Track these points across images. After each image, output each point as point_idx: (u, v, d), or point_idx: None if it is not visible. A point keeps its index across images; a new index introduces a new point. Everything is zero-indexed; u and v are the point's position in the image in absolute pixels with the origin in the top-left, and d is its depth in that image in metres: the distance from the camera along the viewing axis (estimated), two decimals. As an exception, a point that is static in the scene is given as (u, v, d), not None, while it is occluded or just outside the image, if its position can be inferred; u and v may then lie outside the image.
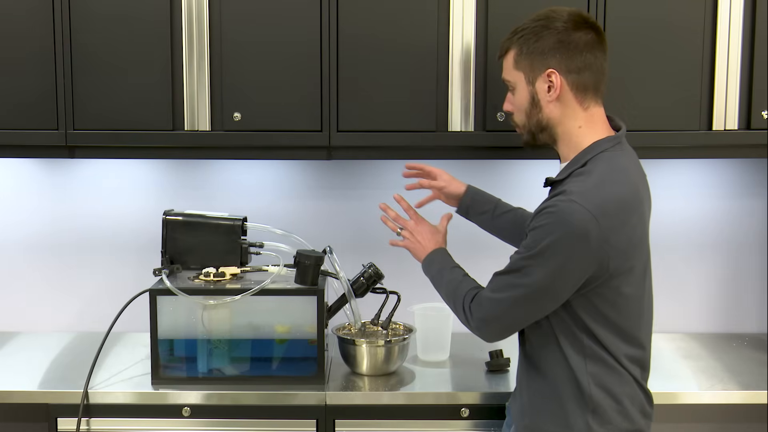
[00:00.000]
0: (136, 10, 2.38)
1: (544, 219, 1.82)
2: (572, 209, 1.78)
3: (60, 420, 2.28)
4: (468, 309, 1.97)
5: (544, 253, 1.80)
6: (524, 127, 1.99)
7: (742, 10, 2.38)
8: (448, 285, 2.06)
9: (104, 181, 2.80)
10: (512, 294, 1.87)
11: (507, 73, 1.99)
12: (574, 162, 1.90)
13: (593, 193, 1.81)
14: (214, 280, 2.35)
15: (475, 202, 2.33)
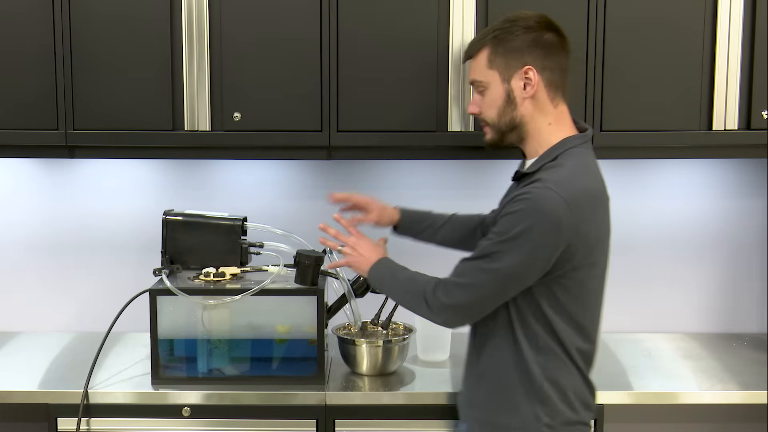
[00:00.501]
0: (136, 10, 2.38)
1: (518, 205, 1.85)
2: (547, 196, 1.83)
3: (60, 420, 2.28)
4: (431, 295, 1.96)
5: (517, 238, 1.84)
6: (494, 126, 2.01)
7: (742, 10, 2.38)
8: (402, 283, 2.06)
9: (104, 181, 2.80)
10: (482, 279, 1.90)
11: (478, 73, 2.01)
12: (545, 156, 1.95)
13: (567, 182, 1.86)
14: (214, 280, 2.35)
15: (412, 223, 2.38)
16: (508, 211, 1.87)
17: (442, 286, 1.95)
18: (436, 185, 2.79)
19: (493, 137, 2.03)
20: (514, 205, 1.86)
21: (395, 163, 2.78)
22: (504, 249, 1.86)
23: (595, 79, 2.39)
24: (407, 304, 2.06)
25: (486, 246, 1.90)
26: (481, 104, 2.02)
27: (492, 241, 1.88)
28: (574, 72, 2.39)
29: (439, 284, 1.96)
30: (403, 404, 2.28)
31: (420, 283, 2.01)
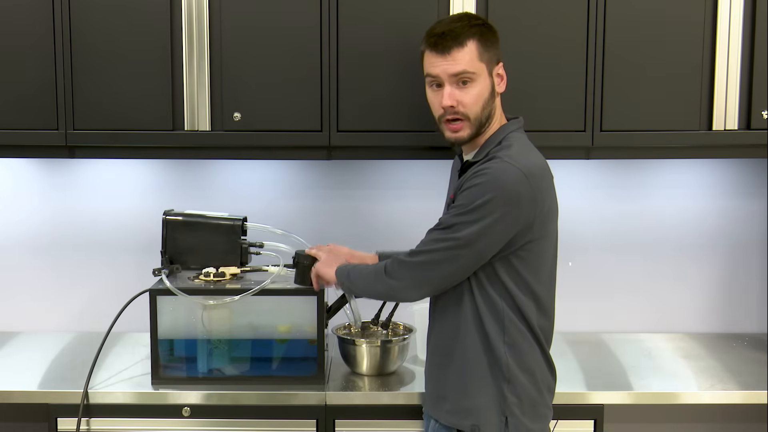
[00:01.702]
0: (136, 10, 2.38)
1: (478, 179, 1.89)
2: (505, 168, 1.88)
3: (60, 420, 2.28)
4: (393, 270, 1.98)
5: (478, 209, 1.87)
6: (476, 120, 1.99)
7: (742, 10, 2.38)
8: (363, 272, 2.08)
9: (104, 181, 2.80)
10: (442, 247, 1.92)
11: (470, 64, 1.96)
12: (489, 143, 1.99)
13: (521, 157, 1.93)
14: (214, 280, 2.35)
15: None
16: (469, 185, 1.90)
17: (401, 259, 1.98)
18: (436, 185, 2.78)
19: (471, 133, 2.00)
20: (474, 180, 1.90)
21: (395, 163, 2.78)
22: (465, 221, 1.89)
23: (595, 79, 2.39)
24: (371, 292, 2.09)
25: (448, 218, 1.93)
26: (462, 97, 1.97)
27: (453, 213, 1.91)
28: (574, 72, 2.39)
29: (397, 261, 1.99)
30: (403, 404, 2.28)
31: (379, 266, 2.04)
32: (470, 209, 1.88)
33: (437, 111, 2.02)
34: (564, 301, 1.97)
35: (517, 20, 2.38)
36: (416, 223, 2.75)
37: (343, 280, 2.13)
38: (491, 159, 1.93)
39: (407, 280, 1.99)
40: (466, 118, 1.98)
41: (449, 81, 1.97)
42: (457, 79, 1.96)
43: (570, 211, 2.76)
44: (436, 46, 1.97)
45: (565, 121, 2.41)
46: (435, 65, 1.98)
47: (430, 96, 2.04)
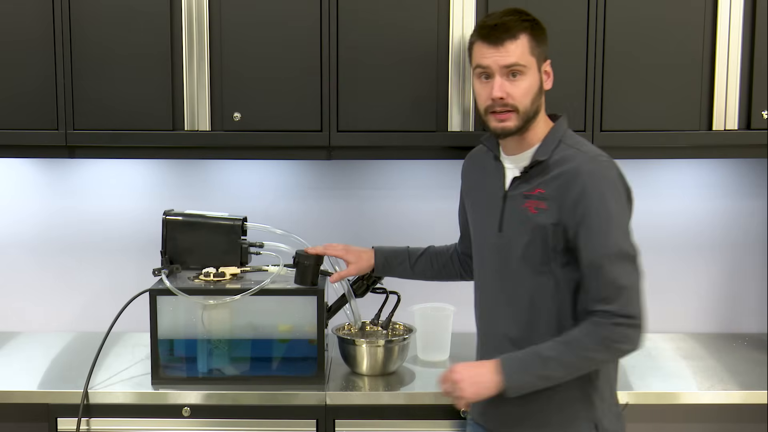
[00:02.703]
0: (136, 10, 2.38)
1: (592, 185, 1.88)
2: (607, 166, 1.93)
3: (60, 420, 2.28)
4: (622, 336, 1.86)
5: (620, 216, 1.92)
6: (524, 114, 1.96)
7: (742, 10, 2.38)
8: (559, 362, 1.88)
9: (104, 181, 2.80)
10: (636, 274, 1.91)
11: (521, 57, 1.93)
12: (549, 142, 1.98)
13: (602, 152, 1.97)
14: (214, 280, 2.35)
15: (387, 261, 2.33)
16: (582, 194, 1.88)
17: (620, 322, 1.85)
18: (436, 185, 2.79)
19: (518, 125, 1.96)
20: (579, 185, 1.88)
21: (395, 163, 2.78)
22: (623, 237, 1.91)
23: (595, 79, 2.39)
24: (588, 366, 1.91)
25: (614, 246, 1.87)
26: (511, 89, 1.94)
27: (611, 236, 1.88)
28: (575, 72, 2.39)
29: (610, 323, 1.85)
30: (403, 404, 2.28)
31: (585, 344, 1.87)
32: (616, 222, 1.89)
33: (484, 102, 1.97)
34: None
35: (517, 20, 2.37)
36: (416, 223, 2.76)
37: (532, 381, 1.89)
38: (574, 158, 1.93)
39: (641, 329, 1.90)
40: (514, 110, 1.95)
41: (500, 72, 1.94)
42: (508, 71, 1.94)
43: (570, 211, 2.77)
44: (489, 37, 1.94)
45: (565, 121, 2.41)
46: (486, 56, 1.95)
47: (477, 87, 2.00)
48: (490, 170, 2.08)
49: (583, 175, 1.89)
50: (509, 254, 1.99)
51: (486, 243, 2.06)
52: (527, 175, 1.97)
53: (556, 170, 1.93)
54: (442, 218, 2.72)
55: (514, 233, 1.98)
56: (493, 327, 2.05)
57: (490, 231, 2.03)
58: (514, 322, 1.99)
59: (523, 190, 1.97)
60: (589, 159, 1.93)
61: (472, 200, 2.15)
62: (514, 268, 1.98)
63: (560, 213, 1.91)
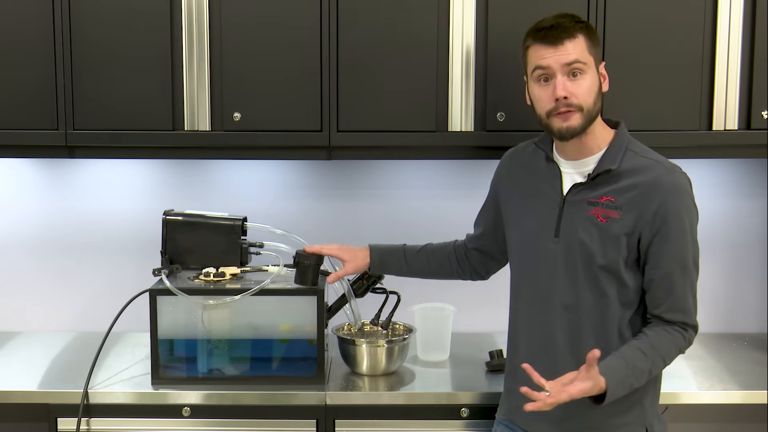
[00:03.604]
0: (136, 10, 2.38)
1: (671, 201, 1.90)
2: (680, 175, 1.94)
3: (60, 420, 2.28)
4: (690, 340, 1.95)
5: (691, 228, 1.93)
6: (588, 113, 1.93)
7: (742, 10, 2.38)
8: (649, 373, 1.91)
9: (104, 181, 2.80)
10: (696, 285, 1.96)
11: (581, 55, 1.92)
12: (617, 149, 1.97)
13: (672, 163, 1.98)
14: (214, 280, 2.35)
15: (383, 259, 2.31)
16: (660, 212, 1.89)
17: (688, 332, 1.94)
18: (436, 185, 2.79)
19: (582, 124, 1.93)
20: (657, 201, 1.89)
21: (395, 163, 2.78)
22: (692, 248, 1.93)
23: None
24: (664, 365, 1.96)
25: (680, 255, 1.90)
26: (574, 89, 1.91)
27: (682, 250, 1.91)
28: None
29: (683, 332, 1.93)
30: (403, 404, 2.28)
31: (668, 347, 1.93)
32: (691, 234, 1.92)
33: (547, 105, 1.93)
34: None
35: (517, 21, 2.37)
36: (416, 223, 2.76)
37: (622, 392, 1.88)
38: (652, 169, 1.93)
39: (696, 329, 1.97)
40: (579, 110, 1.92)
41: (561, 71, 1.91)
42: (569, 70, 1.92)
43: (570, 211, 2.76)
44: (546, 38, 1.92)
45: (565, 121, 2.41)
46: (545, 57, 1.92)
47: (536, 92, 1.96)
48: (541, 173, 2.05)
49: (662, 187, 1.91)
50: (568, 260, 1.97)
51: (536, 248, 2.02)
52: (593, 182, 1.95)
53: (630, 180, 1.92)
54: (443, 218, 2.73)
55: (574, 239, 1.95)
56: (540, 330, 2.02)
57: (543, 236, 2.00)
58: (567, 326, 1.98)
59: (587, 197, 1.95)
60: (667, 171, 1.93)
61: (518, 202, 2.10)
62: (575, 274, 1.96)
63: (636, 223, 1.90)
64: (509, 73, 2.38)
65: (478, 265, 2.29)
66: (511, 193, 2.13)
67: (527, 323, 2.06)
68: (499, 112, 2.39)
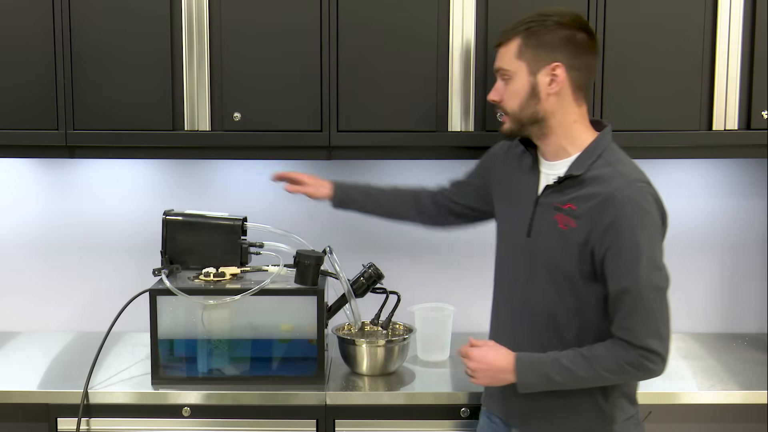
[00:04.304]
0: (136, 10, 2.38)
1: (623, 217, 1.84)
2: (643, 192, 1.87)
3: (60, 420, 2.28)
4: (652, 366, 1.86)
5: (652, 247, 1.88)
6: (514, 117, 1.98)
7: (742, 9, 2.38)
8: (574, 375, 1.89)
9: (104, 181, 2.80)
10: (665, 302, 1.92)
11: (506, 62, 1.97)
12: (587, 155, 1.94)
13: (640, 173, 1.92)
14: (214, 280, 2.35)
15: (345, 193, 2.33)
16: (620, 225, 1.84)
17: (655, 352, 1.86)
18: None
19: (512, 127, 2.00)
20: (609, 216, 1.84)
21: (395, 163, 2.78)
22: (654, 265, 1.89)
23: (595, 78, 2.39)
24: (596, 385, 1.93)
25: (641, 276, 1.85)
26: (503, 93, 1.99)
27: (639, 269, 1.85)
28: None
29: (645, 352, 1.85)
30: (403, 404, 2.28)
31: (606, 358, 1.87)
32: (647, 253, 1.86)
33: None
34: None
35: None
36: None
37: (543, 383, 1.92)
38: (611, 179, 1.88)
39: (665, 362, 1.89)
40: (506, 113, 2.00)
41: (498, 76, 2.01)
42: (500, 76, 2.00)
43: (570, 211, 2.76)
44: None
45: (565, 121, 2.41)
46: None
47: None
48: (525, 168, 2.06)
49: (617, 202, 1.85)
50: (535, 261, 1.97)
51: (514, 244, 2.03)
52: (561, 185, 1.94)
53: (591, 188, 1.90)
54: (442, 218, 2.71)
55: (542, 242, 1.96)
56: (509, 325, 2.04)
57: (518, 234, 2.01)
58: (529, 329, 1.98)
59: (554, 201, 1.95)
60: (627, 183, 1.87)
61: (502, 194, 2.13)
62: (539, 276, 1.96)
63: (589, 235, 1.88)
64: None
65: (440, 215, 2.31)
66: (499, 183, 2.15)
67: (500, 316, 2.09)
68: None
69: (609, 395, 1.96)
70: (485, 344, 1.99)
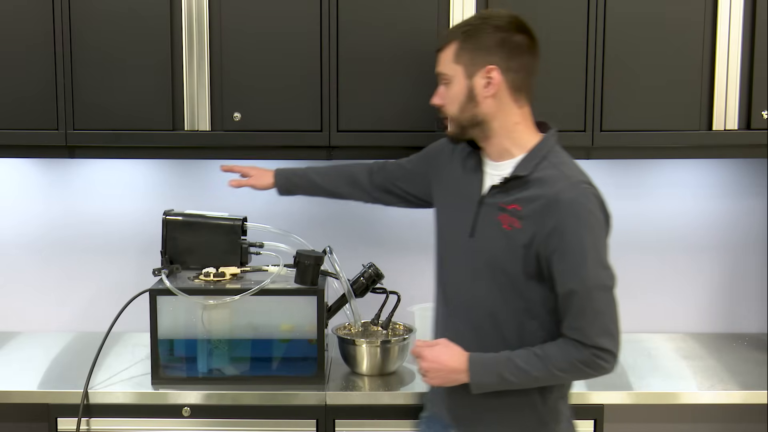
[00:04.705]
0: (136, 10, 2.38)
1: (566, 219, 1.83)
2: (586, 193, 1.87)
3: (60, 420, 2.28)
4: (602, 364, 1.86)
5: (597, 247, 1.86)
6: (455, 120, 1.98)
7: (742, 10, 2.38)
8: (527, 374, 1.88)
9: (104, 181, 2.80)
10: (614, 303, 1.87)
11: (444, 66, 1.97)
12: (532, 157, 1.93)
13: (584, 176, 1.91)
14: (214, 280, 2.35)
15: (287, 178, 2.38)
16: (556, 231, 1.84)
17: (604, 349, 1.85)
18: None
19: (454, 131, 2.00)
20: (553, 218, 1.84)
21: (395, 163, 2.78)
22: (597, 265, 1.86)
23: (595, 79, 2.39)
24: (549, 383, 1.94)
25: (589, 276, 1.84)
26: (445, 97, 1.99)
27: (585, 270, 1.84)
28: (575, 72, 2.39)
29: (595, 351, 1.85)
30: (403, 404, 2.28)
31: (559, 358, 1.87)
32: (591, 254, 1.84)
33: None
34: (564, 301, 1.97)
35: (517, 20, 2.38)
36: (416, 223, 2.76)
37: (496, 383, 1.91)
38: (555, 182, 1.88)
39: (616, 358, 1.89)
40: (449, 117, 2.00)
41: (439, 81, 2.01)
42: (441, 80, 2.00)
43: (570, 211, 2.76)
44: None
45: (565, 121, 2.41)
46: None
47: None
48: (470, 168, 2.05)
49: (561, 204, 1.85)
50: (478, 261, 1.96)
51: (455, 244, 2.02)
52: (506, 186, 1.94)
53: (536, 190, 1.89)
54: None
55: (485, 242, 1.95)
56: (451, 329, 2.02)
57: (461, 233, 2.00)
58: (472, 329, 1.98)
59: (499, 201, 1.94)
60: (570, 186, 1.86)
61: (445, 193, 2.12)
62: (482, 276, 1.96)
63: (534, 237, 1.87)
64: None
65: (377, 191, 2.34)
66: (441, 181, 2.14)
67: (442, 316, 2.08)
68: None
69: (547, 398, 1.96)
70: (438, 344, 1.98)
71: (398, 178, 2.29)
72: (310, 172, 2.39)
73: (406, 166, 2.30)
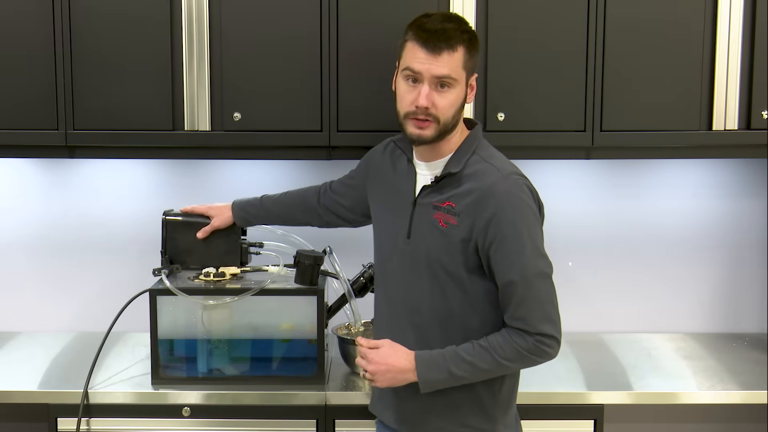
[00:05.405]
0: (136, 10, 2.38)
1: (500, 207, 1.86)
2: (518, 184, 1.89)
3: (60, 420, 2.28)
4: (544, 350, 1.87)
5: (534, 236, 1.87)
6: (444, 125, 1.92)
7: (742, 10, 2.38)
8: (474, 367, 1.89)
9: (104, 181, 2.80)
10: (553, 290, 1.90)
11: (453, 70, 1.88)
12: (463, 152, 1.95)
13: (514, 167, 1.94)
14: (214, 280, 2.35)
15: (244, 210, 2.37)
16: (492, 222, 1.85)
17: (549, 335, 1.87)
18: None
19: (434, 135, 1.91)
20: (489, 210, 1.86)
21: (395, 163, 2.78)
22: (536, 254, 1.87)
23: (595, 79, 2.39)
24: (497, 375, 1.94)
25: (528, 265, 1.85)
26: (438, 100, 1.89)
27: (526, 256, 1.85)
28: (575, 72, 2.39)
29: (540, 339, 1.86)
30: (403, 404, 2.28)
31: (504, 347, 1.88)
32: (529, 243, 1.85)
33: (408, 107, 1.91)
34: (563, 301, 1.97)
35: (518, 20, 2.38)
36: (416, 223, 2.76)
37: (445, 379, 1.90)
38: (488, 174, 1.89)
39: (559, 343, 1.90)
40: (435, 121, 1.90)
41: (430, 81, 1.88)
42: (438, 82, 1.89)
43: (570, 211, 2.77)
44: (427, 42, 1.87)
45: (565, 121, 2.41)
46: (419, 62, 1.87)
47: (402, 89, 1.93)
48: (401, 171, 2.05)
49: (495, 196, 1.86)
50: (417, 262, 1.96)
51: (392, 247, 2.02)
52: (438, 184, 1.94)
53: (469, 184, 1.90)
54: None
55: (423, 242, 1.95)
56: (393, 329, 2.01)
57: (398, 236, 2.00)
58: (414, 330, 1.98)
59: (433, 200, 1.94)
60: (503, 178, 1.88)
61: (379, 198, 2.11)
62: (422, 277, 1.96)
63: (471, 231, 1.88)
64: (510, 73, 2.38)
65: (327, 214, 2.34)
66: (375, 187, 2.14)
67: (384, 319, 2.07)
68: (500, 112, 2.39)
69: (495, 393, 1.96)
70: (383, 345, 1.96)
71: (342, 195, 2.29)
72: (266, 201, 2.38)
73: (347, 182, 2.30)
